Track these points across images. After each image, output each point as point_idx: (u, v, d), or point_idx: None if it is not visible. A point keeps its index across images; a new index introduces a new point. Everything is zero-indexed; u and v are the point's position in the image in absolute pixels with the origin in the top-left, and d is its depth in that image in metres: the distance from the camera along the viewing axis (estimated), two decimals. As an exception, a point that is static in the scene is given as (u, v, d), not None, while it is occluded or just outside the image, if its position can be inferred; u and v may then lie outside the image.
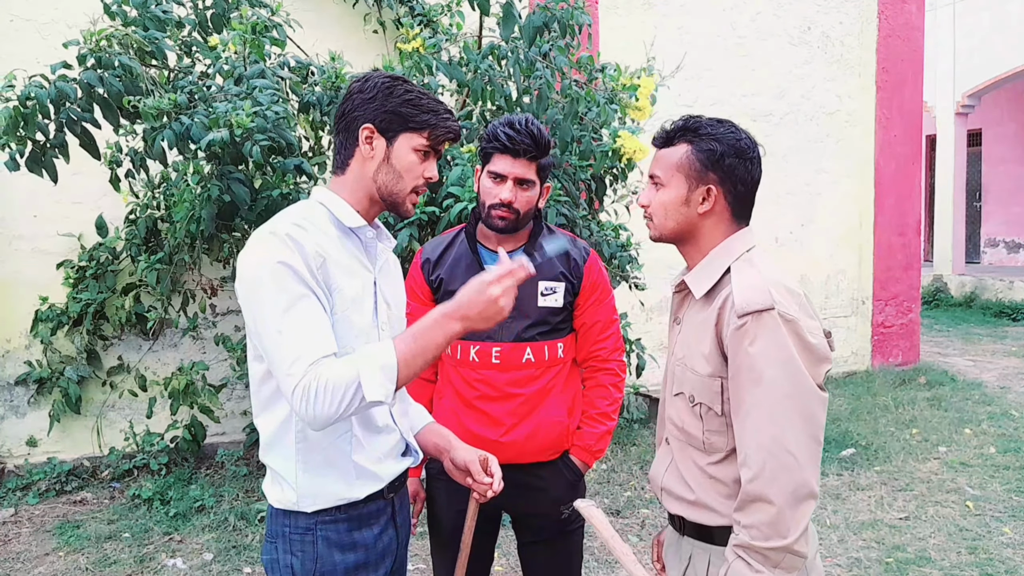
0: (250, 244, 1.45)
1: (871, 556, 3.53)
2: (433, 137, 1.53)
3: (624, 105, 3.37)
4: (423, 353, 1.40)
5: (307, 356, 1.35)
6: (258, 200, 3.33)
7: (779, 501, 1.34)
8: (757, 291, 1.40)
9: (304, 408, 1.34)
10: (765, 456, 1.35)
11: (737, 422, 1.41)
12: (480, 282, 1.43)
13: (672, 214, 1.52)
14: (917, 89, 7.16)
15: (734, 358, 1.40)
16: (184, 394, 4.27)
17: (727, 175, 1.50)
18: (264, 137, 3.04)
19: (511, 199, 1.96)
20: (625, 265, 3.77)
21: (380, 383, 1.35)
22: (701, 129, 1.50)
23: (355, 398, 1.34)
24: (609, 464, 4.67)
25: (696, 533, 1.53)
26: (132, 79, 3.14)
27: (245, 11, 3.40)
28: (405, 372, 1.38)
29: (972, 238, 13.12)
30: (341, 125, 1.54)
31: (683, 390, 1.53)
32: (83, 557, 3.56)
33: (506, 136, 1.95)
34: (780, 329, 1.37)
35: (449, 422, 1.98)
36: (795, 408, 1.36)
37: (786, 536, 1.34)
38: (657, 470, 1.64)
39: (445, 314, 1.42)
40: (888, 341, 7.14)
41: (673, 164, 1.51)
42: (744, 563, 1.36)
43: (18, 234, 4.42)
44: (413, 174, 1.53)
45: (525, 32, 3.19)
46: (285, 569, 1.51)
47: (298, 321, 1.37)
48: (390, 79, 1.52)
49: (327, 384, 1.33)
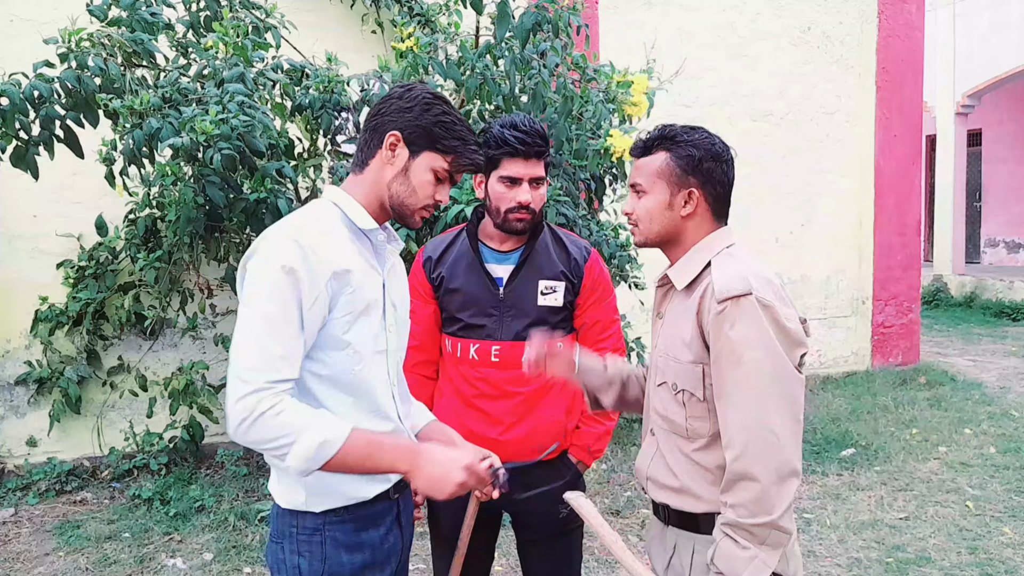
0: (268, 241, 1.44)
1: (871, 556, 3.53)
2: (455, 164, 1.53)
3: (620, 103, 3.37)
4: (363, 461, 1.39)
5: (267, 372, 1.35)
6: (235, 202, 3.32)
7: (764, 479, 1.38)
8: (736, 278, 1.46)
9: (238, 421, 1.33)
10: (748, 436, 1.40)
11: (720, 404, 1.46)
12: (459, 460, 1.44)
13: (657, 219, 1.58)
14: (917, 89, 7.16)
15: (715, 343, 1.46)
16: (184, 394, 4.27)
17: (707, 178, 1.56)
18: (228, 145, 3.03)
19: (529, 201, 1.98)
20: (624, 264, 3.78)
21: (309, 456, 1.34)
22: (678, 137, 1.57)
23: (281, 448, 1.34)
24: (609, 464, 4.67)
25: (680, 522, 1.56)
26: (109, 79, 3.14)
27: (227, 13, 3.40)
28: (337, 461, 1.36)
29: (972, 238, 13.11)
30: (371, 124, 1.54)
31: (666, 379, 1.57)
32: (83, 557, 3.56)
33: (516, 139, 1.95)
34: (758, 313, 1.42)
35: (448, 420, 1.97)
36: (776, 389, 1.41)
37: (771, 512, 1.38)
38: (643, 461, 1.68)
39: (410, 450, 1.43)
40: (888, 341, 7.14)
41: (654, 171, 1.57)
42: (731, 540, 1.40)
43: (18, 234, 4.42)
44: (425, 193, 1.53)
45: (518, 32, 3.19)
46: (292, 570, 1.50)
47: (274, 334, 1.37)
48: (433, 96, 1.53)
49: (277, 421, 1.33)
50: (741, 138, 6.22)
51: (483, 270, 2.06)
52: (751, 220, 6.22)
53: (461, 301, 2.07)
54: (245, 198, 3.31)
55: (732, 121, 6.31)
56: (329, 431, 1.36)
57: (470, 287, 2.05)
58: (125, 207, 4.23)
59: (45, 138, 3.18)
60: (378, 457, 1.41)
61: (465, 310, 2.06)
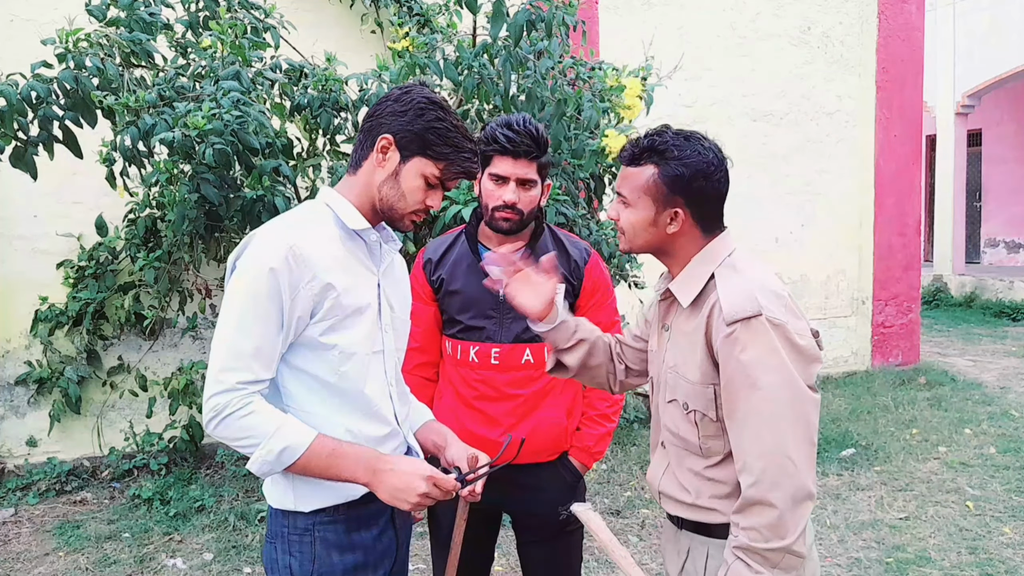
0: (254, 240, 1.46)
1: (871, 556, 3.53)
2: (446, 171, 1.52)
3: (614, 105, 3.37)
4: (325, 469, 1.42)
5: (240, 372, 1.39)
6: (232, 201, 3.32)
7: (780, 505, 1.36)
8: (744, 297, 1.42)
9: (208, 419, 1.39)
10: (765, 463, 1.37)
11: (733, 428, 1.43)
12: (422, 471, 1.44)
13: (640, 233, 1.54)
14: (917, 89, 7.16)
15: (725, 366, 1.42)
16: (183, 394, 4.27)
17: (694, 197, 1.50)
18: (220, 140, 3.04)
19: (515, 200, 1.97)
20: (624, 264, 3.78)
21: (270, 460, 1.38)
22: (668, 151, 1.49)
23: (247, 449, 1.39)
24: (609, 464, 4.67)
25: (694, 528, 1.55)
26: (106, 79, 3.14)
27: (223, 11, 3.40)
28: (299, 467, 1.40)
29: (972, 238, 13.11)
30: (366, 126, 1.54)
31: (676, 397, 1.54)
32: (83, 557, 3.56)
33: (506, 138, 1.95)
34: (769, 334, 1.38)
35: (449, 421, 1.97)
36: (791, 414, 1.38)
37: (785, 537, 1.36)
38: (655, 473, 1.66)
39: (371, 461, 1.44)
40: (888, 341, 7.14)
41: (640, 187, 1.52)
42: (743, 564, 1.38)
43: (18, 234, 4.42)
44: (415, 199, 1.52)
45: (511, 29, 3.19)
46: (284, 570, 1.51)
47: (251, 333, 1.39)
48: (428, 100, 1.51)
49: (243, 423, 1.37)
50: (741, 138, 6.23)
51: (483, 272, 2.05)
52: (751, 220, 6.22)
53: (461, 303, 2.06)
54: (242, 196, 3.31)
55: (732, 121, 6.32)
56: (292, 437, 1.38)
57: (470, 289, 2.05)
58: (125, 207, 4.23)
59: (43, 138, 3.19)
60: (339, 467, 1.42)
61: (465, 312, 2.06)
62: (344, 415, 1.50)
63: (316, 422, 1.45)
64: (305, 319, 1.45)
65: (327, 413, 1.49)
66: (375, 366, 1.55)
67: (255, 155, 3.23)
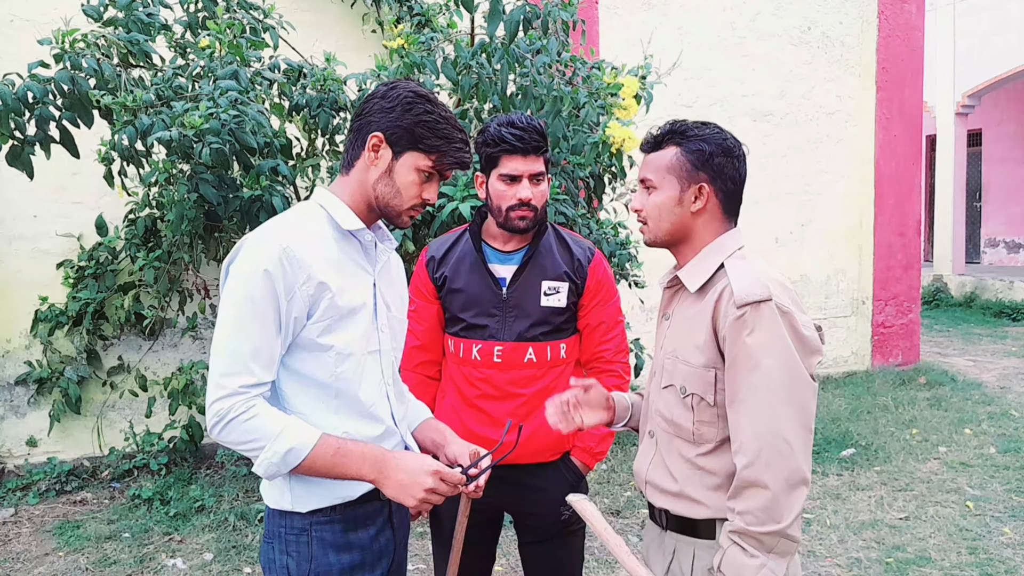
0: (248, 243, 1.46)
1: (871, 556, 3.53)
2: (439, 162, 1.51)
3: (610, 105, 3.37)
4: (330, 468, 1.42)
5: (241, 376, 1.38)
6: (231, 200, 3.32)
7: (774, 487, 1.38)
8: (755, 283, 1.44)
9: (212, 424, 1.39)
10: (761, 443, 1.39)
11: (732, 410, 1.45)
12: (427, 466, 1.45)
13: (667, 215, 1.56)
14: (917, 89, 7.16)
15: (731, 347, 1.44)
16: (183, 394, 4.27)
17: (717, 173, 1.54)
18: (217, 139, 3.03)
19: (530, 197, 1.97)
20: (625, 263, 3.78)
21: (276, 462, 1.39)
22: (688, 131, 1.56)
23: (252, 452, 1.39)
24: (609, 464, 4.67)
25: (679, 527, 1.55)
26: (103, 80, 3.14)
27: (220, 11, 3.40)
28: (304, 468, 1.41)
29: (972, 238, 13.12)
30: (355, 125, 1.54)
31: (673, 382, 1.55)
32: (83, 557, 3.55)
33: (514, 136, 1.95)
34: (777, 320, 1.41)
35: (450, 420, 1.98)
36: (790, 397, 1.41)
37: (780, 521, 1.38)
38: (641, 463, 1.66)
39: (377, 458, 1.44)
40: (888, 341, 7.14)
41: (664, 166, 1.55)
42: (739, 548, 1.39)
43: (18, 234, 4.42)
44: (411, 193, 1.52)
45: (507, 26, 3.19)
46: (281, 570, 1.51)
47: (249, 335, 1.39)
48: (414, 94, 1.50)
49: (247, 426, 1.37)
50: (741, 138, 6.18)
51: (486, 270, 2.05)
52: (751, 220, 6.19)
53: (464, 301, 2.06)
54: (240, 196, 3.31)
55: (732, 121, 6.31)
56: (297, 438, 1.38)
57: (473, 287, 2.05)
58: (125, 207, 4.24)
59: (40, 138, 3.19)
60: (344, 465, 1.42)
61: (468, 310, 2.06)
62: (341, 416, 1.50)
63: (313, 423, 1.45)
64: (302, 320, 1.44)
65: (324, 414, 1.49)
66: (372, 366, 1.55)
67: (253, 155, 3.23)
